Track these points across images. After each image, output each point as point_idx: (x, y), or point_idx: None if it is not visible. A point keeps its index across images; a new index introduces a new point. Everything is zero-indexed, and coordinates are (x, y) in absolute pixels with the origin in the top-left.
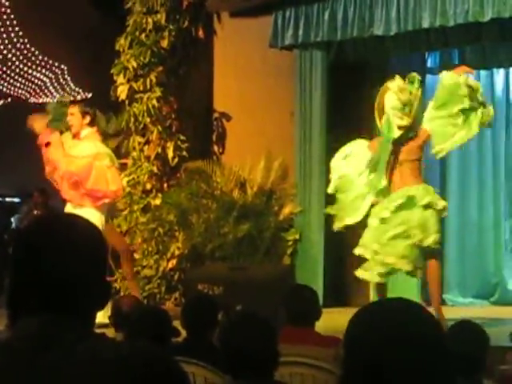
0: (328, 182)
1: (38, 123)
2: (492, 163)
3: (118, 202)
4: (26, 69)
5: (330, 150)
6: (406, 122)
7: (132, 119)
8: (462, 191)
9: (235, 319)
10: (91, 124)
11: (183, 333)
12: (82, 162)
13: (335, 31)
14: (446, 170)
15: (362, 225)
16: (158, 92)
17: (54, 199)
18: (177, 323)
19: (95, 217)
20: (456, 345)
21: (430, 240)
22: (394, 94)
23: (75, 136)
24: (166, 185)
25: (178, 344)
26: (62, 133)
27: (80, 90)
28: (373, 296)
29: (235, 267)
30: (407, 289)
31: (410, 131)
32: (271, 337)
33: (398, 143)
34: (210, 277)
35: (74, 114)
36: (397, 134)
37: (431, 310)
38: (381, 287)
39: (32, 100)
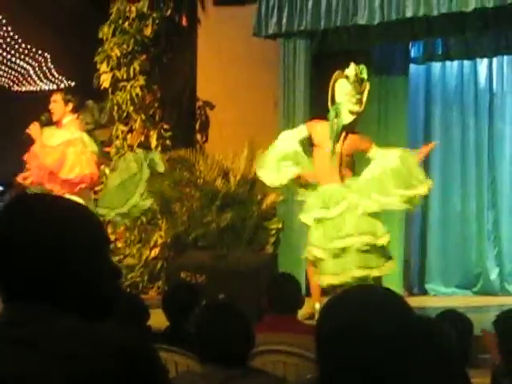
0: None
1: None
2: (475, 153)
3: (95, 188)
4: (8, 57)
5: None
6: (358, 108)
7: (115, 108)
8: (444, 181)
9: (208, 310)
10: (73, 111)
11: (165, 321)
12: (55, 152)
13: (319, 20)
14: (429, 160)
15: None
16: (141, 80)
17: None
18: (159, 312)
19: None
20: (441, 334)
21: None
22: (350, 81)
23: (57, 124)
24: None
25: (160, 332)
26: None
27: (63, 79)
28: None
29: (218, 255)
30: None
31: (355, 124)
32: (243, 326)
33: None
34: (192, 265)
35: (56, 102)
36: (348, 119)
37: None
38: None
39: (15, 88)
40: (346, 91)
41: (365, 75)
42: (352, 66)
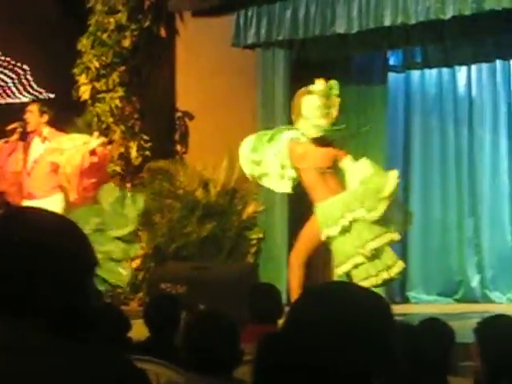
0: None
1: None
2: (455, 161)
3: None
4: None
5: None
6: (326, 122)
7: (95, 119)
8: (425, 189)
9: (199, 318)
10: (48, 123)
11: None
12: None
13: (297, 29)
14: (409, 167)
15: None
16: (120, 92)
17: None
18: (141, 322)
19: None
20: (423, 343)
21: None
22: (317, 96)
23: (32, 133)
24: (129, 185)
25: (140, 342)
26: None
27: (43, 91)
28: None
29: (198, 266)
30: None
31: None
32: (234, 336)
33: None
34: (172, 276)
35: (32, 112)
36: (315, 133)
37: None
38: None
39: None
40: (314, 106)
41: (335, 91)
42: (318, 81)
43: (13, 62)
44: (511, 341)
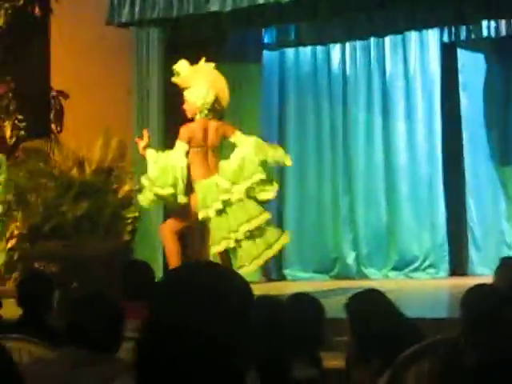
0: None
1: None
2: (329, 138)
3: None
4: None
5: (168, 129)
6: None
7: None
8: (300, 166)
9: (80, 298)
10: None
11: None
12: None
13: (171, 8)
14: (284, 145)
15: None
16: None
17: None
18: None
19: None
20: (291, 319)
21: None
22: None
23: None
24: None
25: (12, 321)
26: None
27: None
28: None
29: (71, 245)
30: None
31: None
32: (116, 317)
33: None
34: (46, 255)
35: None
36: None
37: None
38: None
39: None
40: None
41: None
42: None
43: None
44: (379, 315)
